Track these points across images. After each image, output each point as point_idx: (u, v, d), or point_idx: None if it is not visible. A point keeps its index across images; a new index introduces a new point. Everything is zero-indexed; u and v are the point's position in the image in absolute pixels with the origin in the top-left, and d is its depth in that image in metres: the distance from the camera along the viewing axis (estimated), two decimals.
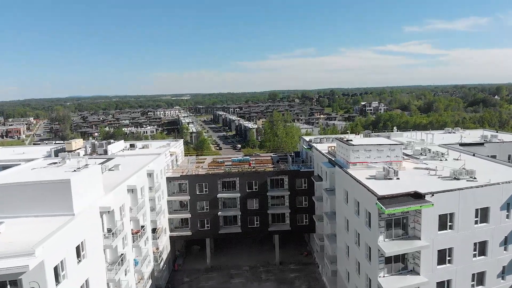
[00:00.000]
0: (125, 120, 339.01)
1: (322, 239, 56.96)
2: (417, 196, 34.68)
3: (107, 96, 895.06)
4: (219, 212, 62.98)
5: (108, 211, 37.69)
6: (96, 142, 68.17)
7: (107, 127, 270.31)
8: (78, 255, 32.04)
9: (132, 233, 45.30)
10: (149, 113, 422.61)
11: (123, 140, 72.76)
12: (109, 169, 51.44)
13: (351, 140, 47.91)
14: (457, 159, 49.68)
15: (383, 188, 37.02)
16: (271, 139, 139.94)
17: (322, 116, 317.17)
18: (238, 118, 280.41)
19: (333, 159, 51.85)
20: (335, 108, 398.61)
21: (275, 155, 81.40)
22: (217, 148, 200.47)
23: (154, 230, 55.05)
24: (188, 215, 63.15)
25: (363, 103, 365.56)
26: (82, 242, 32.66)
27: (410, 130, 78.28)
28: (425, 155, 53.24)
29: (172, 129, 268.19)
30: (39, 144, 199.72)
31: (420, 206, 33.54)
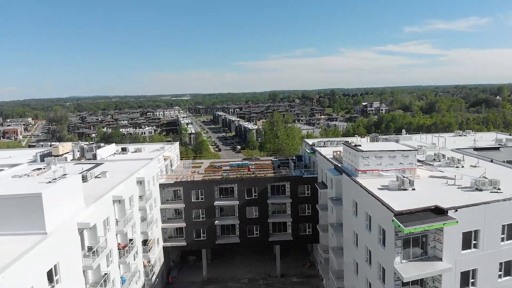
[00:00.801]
0: (123, 120, 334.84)
1: (327, 251, 52.76)
2: (439, 212, 30.45)
3: (107, 96, 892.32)
4: (216, 221, 58.80)
5: (89, 227, 33.42)
6: (85, 146, 63.96)
7: (105, 128, 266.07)
8: (50, 280, 27.82)
9: (118, 248, 41.07)
10: (148, 113, 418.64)
11: (114, 144, 68.54)
12: (95, 177, 47.23)
13: (360, 145, 43.69)
14: (475, 166, 45.49)
15: (398, 201, 32.88)
16: (271, 140, 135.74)
17: (323, 116, 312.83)
18: (238, 119, 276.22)
19: (339, 165, 47.66)
20: (336, 108, 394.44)
21: (275, 159, 77.21)
22: (217, 149, 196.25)
23: (145, 242, 50.84)
24: (183, 224, 58.96)
25: (364, 103, 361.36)
26: (55, 265, 28.43)
27: (420, 133, 73.88)
28: (439, 161, 49.02)
29: (171, 130, 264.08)
30: (35, 145, 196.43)
31: (444, 224, 29.29)
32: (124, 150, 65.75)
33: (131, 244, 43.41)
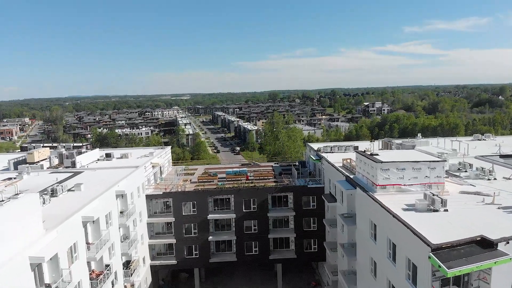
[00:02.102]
0: (121, 121, 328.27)
1: (335, 273, 46.23)
2: (486, 244, 23.93)
3: (106, 96, 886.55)
4: (210, 237, 52.29)
5: (47, 260, 26.90)
6: (64, 151, 57.45)
7: (101, 128, 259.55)
8: None
9: (91, 278, 34.55)
10: (147, 113, 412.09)
11: (98, 149, 61.96)
12: (68, 190, 40.66)
13: (377, 154, 37.13)
14: (510, 178, 39.03)
15: (431, 228, 26.39)
16: (271, 142, 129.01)
17: (324, 117, 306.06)
18: (237, 119, 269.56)
19: (351, 176, 41.12)
20: (337, 108, 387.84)
21: (276, 165, 70.63)
22: (215, 151, 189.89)
23: (127, 263, 44.34)
24: (173, 240, 52.44)
25: (366, 103, 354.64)
26: None
27: (437, 137, 67.02)
28: (466, 171, 42.56)
29: (169, 130, 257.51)
30: (27, 147, 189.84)
31: (495, 263, 22.79)
32: (108, 156, 59.15)
33: (108, 270, 36.85)
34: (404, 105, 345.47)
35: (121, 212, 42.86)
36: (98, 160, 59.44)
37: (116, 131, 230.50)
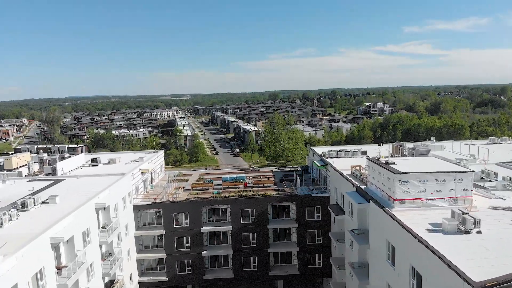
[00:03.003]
0: (119, 121, 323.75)
1: None
2: None
3: (106, 96, 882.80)
4: (204, 251, 47.53)
5: None
6: (46, 157, 52.80)
7: (99, 129, 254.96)
8: None
9: None
10: (146, 114, 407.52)
11: (83, 153, 57.18)
12: (42, 202, 35.92)
13: (393, 163, 32.34)
14: None
15: (464, 254, 21.83)
16: (271, 144, 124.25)
17: (325, 117, 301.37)
18: (237, 120, 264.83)
19: (362, 187, 36.37)
20: (338, 109, 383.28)
21: (277, 170, 65.94)
22: (214, 152, 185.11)
23: (111, 284, 39.59)
24: (163, 255, 47.67)
25: (367, 104, 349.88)
26: None
27: (453, 140, 61.94)
28: (490, 180, 37.89)
29: (168, 131, 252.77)
30: (20, 148, 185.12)
31: None
32: (94, 161, 54.36)
33: None
34: (405, 106, 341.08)
35: (103, 227, 38.11)
36: (84, 165, 54.74)
37: (113, 132, 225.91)
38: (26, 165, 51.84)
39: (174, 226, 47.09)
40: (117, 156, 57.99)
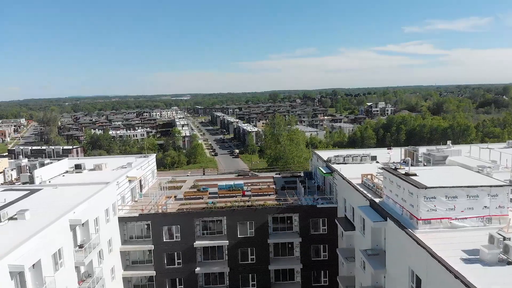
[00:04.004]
0: (117, 121, 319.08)
1: None
2: None
3: (107, 96, 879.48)
4: (198, 268, 42.83)
5: None
6: (25, 163, 48.19)
7: (96, 129, 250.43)
8: None
9: None
10: (145, 114, 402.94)
11: (66, 159, 52.45)
12: (10, 218, 31.27)
13: (415, 175, 27.63)
14: None
15: None
16: (272, 146, 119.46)
17: (326, 117, 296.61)
18: (237, 120, 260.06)
19: (376, 200, 31.70)
20: (339, 109, 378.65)
21: (278, 175, 61.23)
22: (213, 153, 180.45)
23: None
24: (152, 273, 42.96)
25: (369, 103, 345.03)
26: None
27: (471, 144, 56.91)
28: None
29: (167, 131, 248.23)
30: (14, 150, 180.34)
31: None
32: (78, 167, 49.65)
33: None
34: (407, 106, 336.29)
35: (80, 246, 33.45)
36: (68, 172, 50.09)
37: (111, 132, 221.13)
38: (1, 172, 47.16)
39: (164, 240, 42.42)
40: (104, 161, 53.25)
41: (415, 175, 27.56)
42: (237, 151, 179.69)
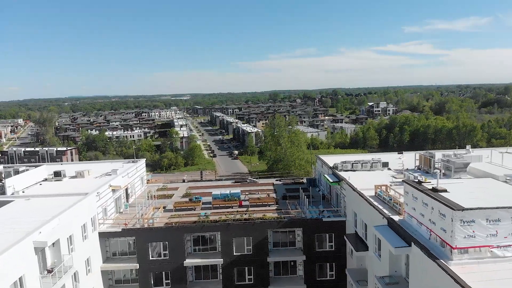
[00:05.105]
0: (115, 122, 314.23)
1: None
2: None
3: (106, 96, 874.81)
4: None
5: None
6: (1, 169, 43.47)
7: (93, 130, 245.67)
8: None
9: None
10: (144, 114, 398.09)
11: (45, 165, 47.68)
12: None
13: (445, 191, 22.87)
14: None
15: None
16: (272, 147, 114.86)
17: (327, 117, 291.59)
18: (236, 121, 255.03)
19: (396, 219, 26.93)
20: (340, 109, 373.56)
21: (278, 182, 56.49)
22: (211, 155, 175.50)
23: None
24: None
25: (370, 103, 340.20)
26: None
27: (491, 148, 51.82)
28: None
29: (165, 132, 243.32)
30: (7, 151, 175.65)
31: None
32: (58, 175, 44.88)
33: None
34: (409, 106, 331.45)
35: (49, 270, 28.69)
36: (46, 179, 45.32)
37: (107, 133, 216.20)
38: None
39: (151, 258, 37.68)
40: (88, 167, 48.40)
41: (445, 191, 22.82)
42: (236, 152, 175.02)
